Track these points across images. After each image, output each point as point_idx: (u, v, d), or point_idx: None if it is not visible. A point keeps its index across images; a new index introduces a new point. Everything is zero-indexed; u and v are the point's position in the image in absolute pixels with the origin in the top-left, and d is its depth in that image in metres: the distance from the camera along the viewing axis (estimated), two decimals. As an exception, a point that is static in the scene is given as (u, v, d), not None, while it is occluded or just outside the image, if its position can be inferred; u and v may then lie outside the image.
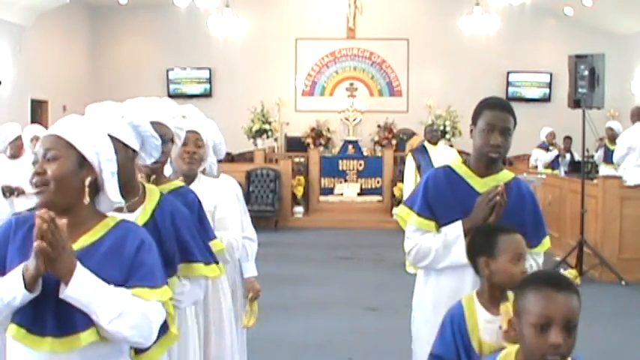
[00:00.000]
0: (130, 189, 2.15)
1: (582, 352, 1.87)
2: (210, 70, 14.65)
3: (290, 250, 9.53)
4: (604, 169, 9.86)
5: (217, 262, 2.36)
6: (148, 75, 14.47)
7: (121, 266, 1.82)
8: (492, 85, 14.07)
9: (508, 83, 14.39)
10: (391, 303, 6.45)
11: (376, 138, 14.04)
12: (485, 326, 2.19)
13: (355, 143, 13.49)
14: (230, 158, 14.14)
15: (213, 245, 2.47)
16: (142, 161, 2.25)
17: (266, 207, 11.43)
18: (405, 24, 14.19)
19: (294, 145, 13.91)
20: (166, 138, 2.43)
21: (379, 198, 12.59)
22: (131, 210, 2.16)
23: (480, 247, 2.27)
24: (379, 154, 13.32)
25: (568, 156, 11.56)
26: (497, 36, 13.33)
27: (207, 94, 14.64)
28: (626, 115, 12.18)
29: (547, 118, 12.73)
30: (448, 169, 2.65)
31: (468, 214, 2.51)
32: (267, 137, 13.35)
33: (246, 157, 13.65)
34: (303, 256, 9.03)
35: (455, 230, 2.51)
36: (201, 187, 2.94)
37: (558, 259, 7.89)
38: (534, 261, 2.54)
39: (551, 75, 14.11)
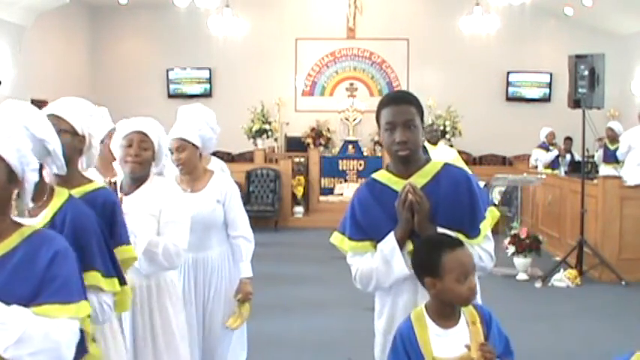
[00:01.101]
0: (35, 193, 1.96)
1: (582, 352, 1.87)
2: (210, 70, 14.65)
3: (290, 250, 9.53)
4: (604, 169, 9.87)
5: (122, 279, 2.13)
6: (148, 75, 14.48)
7: (32, 281, 1.64)
8: (492, 85, 14.10)
9: (508, 83, 14.39)
10: (391, 303, 6.46)
11: (376, 138, 14.01)
12: (437, 340, 2.10)
13: (355, 143, 13.50)
14: (230, 158, 14.16)
15: (122, 251, 2.28)
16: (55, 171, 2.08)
17: (266, 207, 11.44)
18: (405, 24, 14.18)
19: (294, 145, 13.91)
20: (57, 129, 2.20)
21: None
22: (33, 215, 1.99)
23: (423, 267, 2.15)
24: (379, 154, 13.32)
25: (568, 156, 11.56)
26: (497, 36, 13.32)
27: (207, 94, 14.63)
28: (626, 115, 12.21)
29: (547, 118, 12.73)
30: (371, 181, 2.47)
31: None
32: (267, 137, 13.35)
33: (246, 157, 13.66)
34: (303, 256, 9.03)
35: (389, 243, 2.33)
36: (149, 189, 2.85)
37: (558, 259, 7.90)
38: (482, 250, 2.35)
39: (551, 75, 14.11)
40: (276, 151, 13.84)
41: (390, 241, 2.33)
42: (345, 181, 12.96)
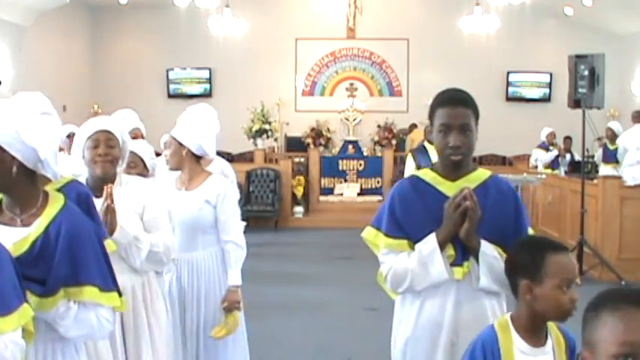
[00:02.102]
0: (23, 200, 1.92)
1: (582, 352, 1.87)
2: (210, 70, 14.65)
3: (290, 250, 9.53)
4: (604, 169, 9.88)
5: (120, 292, 2.04)
6: (148, 75, 14.48)
7: None
8: (492, 85, 14.09)
9: (508, 83, 14.39)
10: (391, 303, 6.44)
11: (376, 138, 14.03)
12: (521, 358, 1.91)
13: (355, 143, 13.50)
14: (230, 158, 14.16)
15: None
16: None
17: (266, 207, 11.44)
18: (405, 24, 14.18)
19: (294, 145, 13.91)
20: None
21: (379, 198, 12.58)
22: (26, 224, 1.90)
23: (523, 267, 1.95)
24: (379, 154, 13.32)
25: (568, 156, 11.56)
26: (497, 36, 13.32)
27: (207, 94, 14.64)
28: (626, 115, 12.19)
29: (547, 118, 12.73)
30: (414, 178, 2.37)
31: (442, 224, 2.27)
32: (267, 137, 13.35)
33: (246, 157, 13.66)
34: (303, 256, 9.03)
35: (429, 245, 2.23)
36: (126, 189, 2.79)
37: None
38: None
39: (551, 75, 14.11)
40: (276, 151, 13.84)
41: (431, 242, 2.23)
42: (345, 181, 12.96)
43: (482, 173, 2.34)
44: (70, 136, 6.36)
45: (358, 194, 12.75)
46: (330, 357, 5.02)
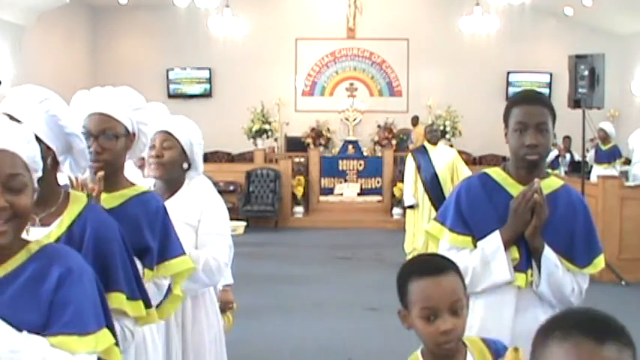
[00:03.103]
0: (44, 198, 1.70)
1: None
2: (210, 70, 14.65)
3: (290, 250, 9.53)
4: (596, 170, 9.91)
5: (148, 301, 1.88)
6: (148, 75, 14.46)
7: (39, 305, 1.41)
8: (492, 85, 14.10)
9: (508, 83, 14.39)
10: (391, 303, 6.41)
11: (376, 138, 14.04)
12: None
13: (355, 143, 13.50)
14: (230, 158, 14.18)
15: (178, 263, 2.13)
16: (70, 172, 1.88)
17: (266, 207, 11.44)
18: (405, 24, 14.19)
19: (294, 145, 13.92)
20: (111, 133, 2.04)
21: (379, 198, 12.60)
22: (45, 224, 1.73)
23: (398, 293, 1.76)
24: (379, 154, 13.32)
25: (568, 156, 11.56)
26: (497, 36, 13.32)
27: (207, 94, 14.65)
28: (626, 115, 12.21)
29: (547, 118, 12.71)
30: (484, 176, 2.28)
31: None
32: (267, 137, 13.36)
33: (246, 157, 13.67)
34: (303, 256, 9.03)
35: (493, 243, 2.14)
36: (183, 196, 2.60)
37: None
38: (577, 285, 2.19)
39: (551, 75, 14.11)
40: (276, 151, 13.84)
41: (495, 240, 2.14)
42: (345, 181, 12.97)
43: (554, 181, 2.25)
44: None
45: (358, 194, 12.76)
46: (330, 357, 5.02)
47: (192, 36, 14.06)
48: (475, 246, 2.19)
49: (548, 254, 2.12)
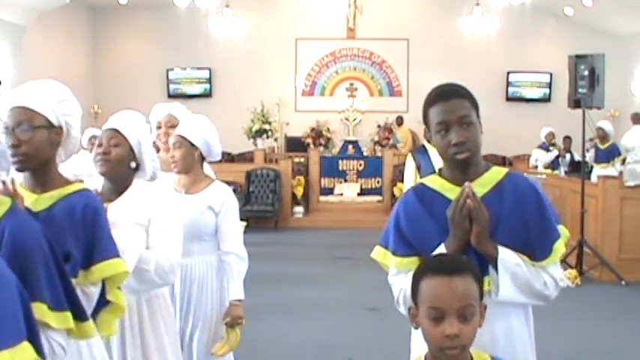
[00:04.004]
0: None
1: (583, 352, 1.86)
2: (210, 70, 14.65)
3: (290, 250, 9.53)
4: (596, 169, 9.92)
5: (80, 312, 1.79)
6: (148, 75, 14.48)
7: None
8: (492, 85, 14.09)
9: (508, 83, 14.39)
10: (391, 303, 6.42)
11: (376, 138, 14.05)
12: None
13: (355, 143, 13.51)
14: (230, 158, 14.17)
15: (106, 267, 2.00)
16: None
17: (266, 207, 11.44)
18: (405, 24, 14.19)
19: (294, 145, 13.92)
20: (28, 125, 1.97)
21: (379, 198, 12.60)
22: None
23: (411, 290, 1.73)
24: (379, 154, 13.33)
25: (568, 156, 11.56)
26: (497, 36, 13.33)
27: (207, 94, 14.65)
28: (626, 115, 12.20)
29: (547, 118, 12.73)
30: (420, 187, 2.11)
31: None
32: (267, 137, 13.36)
33: (246, 157, 13.67)
34: (303, 256, 9.03)
35: None
36: (132, 195, 2.53)
37: (558, 259, 7.90)
38: (548, 275, 1.98)
39: (551, 75, 14.11)
40: (276, 151, 13.84)
41: None
42: (345, 181, 12.97)
43: (496, 173, 2.05)
44: (92, 140, 6.33)
45: (358, 194, 12.76)
46: (330, 357, 5.02)
47: (192, 36, 14.06)
48: None
49: (505, 256, 1.92)
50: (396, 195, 11.54)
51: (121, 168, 2.52)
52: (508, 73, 14.34)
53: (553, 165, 11.01)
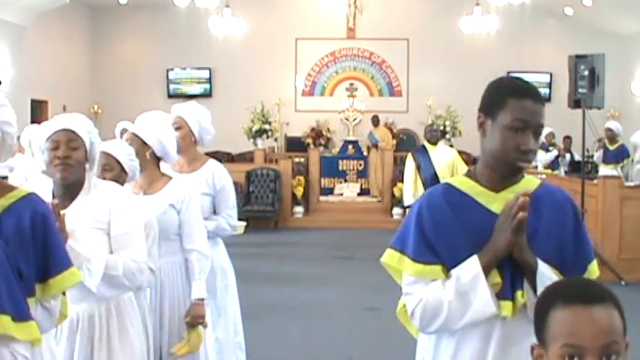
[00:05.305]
0: None
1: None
2: (210, 70, 14.65)
3: (290, 250, 9.53)
4: (603, 170, 9.90)
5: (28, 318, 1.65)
6: (148, 75, 14.48)
7: None
8: (492, 85, 14.10)
9: (508, 83, 14.38)
10: (391, 303, 6.42)
11: (376, 138, 14.04)
12: None
13: (355, 143, 13.50)
14: (230, 158, 14.17)
15: (67, 277, 1.89)
16: None
17: (266, 207, 11.44)
18: (405, 24, 14.19)
19: (294, 145, 13.92)
20: None
21: (379, 198, 12.60)
22: None
23: (534, 324, 1.40)
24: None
25: (568, 156, 11.56)
26: (497, 36, 13.33)
27: (207, 94, 14.65)
28: (626, 115, 12.21)
29: (547, 118, 12.16)
30: (447, 187, 1.90)
31: (485, 245, 1.76)
32: (267, 137, 13.37)
33: (246, 157, 13.67)
34: (302, 256, 9.03)
35: (470, 269, 1.75)
36: (87, 198, 2.41)
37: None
38: None
39: (551, 75, 14.11)
40: (276, 151, 13.84)
41: (473, 266, 1.75)
42: (345, 181, 12.98)
43: (530, 182, 1.87)
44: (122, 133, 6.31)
45: (358, 194, 12.76)
46: (330, 357, 5.02)
47: (192, 36, 14.06)
48: (447, 275, 1.79)
49: (544, 269, 1.76)
50: (396, 195, 11.54)
51: (80, 171, 2.39)
52: (508, 73, 14.30)
53: (553, 165, 11.00)
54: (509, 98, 1.77)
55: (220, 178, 3.55)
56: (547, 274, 1.75)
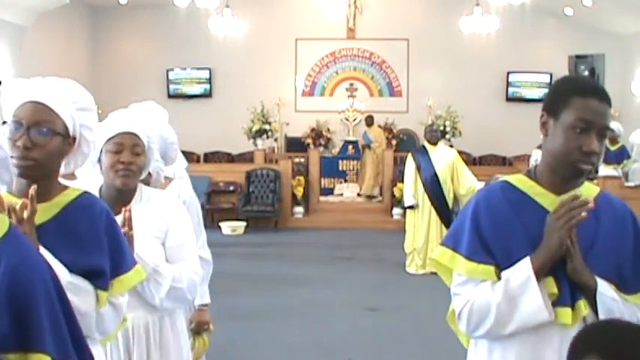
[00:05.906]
0: None
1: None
2: (210, 70, 14.65)
3: (290, 250, 9.53)
4: (604, 170, 9.90)
5: (85, 356, 1.42)
6: (148, 75, 14.47)
7: None
8: (492, 85, 14.11)
9: (508, 83, 14.39)
10: (391, 303, 6.46)
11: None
12: None
13: (355, 143, 13.50)
14: (230, 158, 14.18)
15: (134, 276, 1.84)
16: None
17: (266, 207, 11.44)
18: (405, 24, 14.19)
19: (294, 145, 13.92)
20: (47, 127, 1.70)
21: (379, 198, 12.60)
22: None
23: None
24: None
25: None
26: (497, 36, 13.32)
27: (207, 95, 14.65)
28: (626, 115, 12.20)
29: (547, 118, 12.69)
30: (506, 186, 1.80)
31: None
32: (267, 137, 13.36)
33: (246, 158, 13.67)
34: (302, 257, 9.03)
35: (521, 272, 1.66)
36: (145, 205, 2.28)
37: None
38: (635, 317, 1.66)
39: (551, 75, 14.10)
40: (276, 152, 13.84)
41: (524, 268, 1.66)
42: (345, 181, 12.98)
43: (590, 190, 1.78)
44: None
45: (358, 194, 12.76)
46: (330, 357, 5.02)
47: (192, 36, 14.06)
48: (498, 277, 1.71)
49: (604, 290, 1.66)
50: (396, 195, 11.53)
51: (139, 178, 2.27)
52: (508, 73, 14.34)
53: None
54: (573, 97, 1.68)
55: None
56: (608, 295, 1.66)
